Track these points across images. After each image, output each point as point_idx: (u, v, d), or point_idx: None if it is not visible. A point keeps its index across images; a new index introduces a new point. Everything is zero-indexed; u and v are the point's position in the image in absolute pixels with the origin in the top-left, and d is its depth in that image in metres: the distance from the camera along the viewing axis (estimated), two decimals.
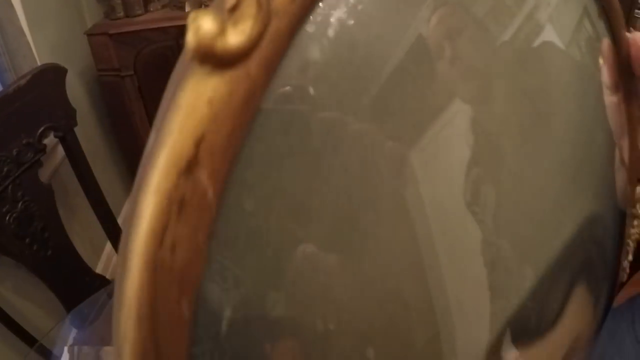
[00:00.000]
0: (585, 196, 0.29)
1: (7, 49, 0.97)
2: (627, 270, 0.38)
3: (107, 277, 0.90)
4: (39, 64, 0.99)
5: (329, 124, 0.18)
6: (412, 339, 0.23)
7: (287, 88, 0.16)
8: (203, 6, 1.24)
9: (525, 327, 0.26)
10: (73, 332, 0.65)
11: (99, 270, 1.13)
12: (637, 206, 0.35)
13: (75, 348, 0.59)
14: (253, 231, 0.17)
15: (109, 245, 1.11)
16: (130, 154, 1.35)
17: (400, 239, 0.21)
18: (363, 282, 0.20)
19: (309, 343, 0.21)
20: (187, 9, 1.26)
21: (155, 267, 0.14)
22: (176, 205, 0.14)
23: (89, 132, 1.23)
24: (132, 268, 0.14)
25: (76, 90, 0.87)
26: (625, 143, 0.31)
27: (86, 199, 0.91)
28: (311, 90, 0.17)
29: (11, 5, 0.96)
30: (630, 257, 0.37)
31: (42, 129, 0.81)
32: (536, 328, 0.27)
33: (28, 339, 0.79)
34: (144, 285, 0.14)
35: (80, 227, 1.11)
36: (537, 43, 0.24)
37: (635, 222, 0.36)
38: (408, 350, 0.23)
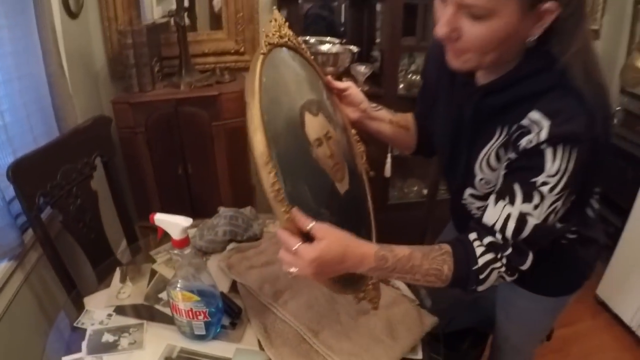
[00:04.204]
0: None
1: (59, 107, 1.39)
2: (369, 169, 0.78)
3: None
4: (79, 121, 1.42)
5: None
6: None
7: None
8: (193, 87, 1.73)
9: None
10: None
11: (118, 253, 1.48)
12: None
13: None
14: None
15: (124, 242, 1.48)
16: (139, 187, 1.77)
17: None
18: None
19: None
20: (181, 87, 1.75)
21: None
22: None
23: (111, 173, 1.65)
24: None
25: None
26: None
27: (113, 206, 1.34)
28: None
29: (66, 79, 1.41)
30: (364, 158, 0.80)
31: (95, 154, 1.25)
32: None
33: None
34: None
35: (110, 222, 1.49)
36: None
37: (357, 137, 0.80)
38: None
